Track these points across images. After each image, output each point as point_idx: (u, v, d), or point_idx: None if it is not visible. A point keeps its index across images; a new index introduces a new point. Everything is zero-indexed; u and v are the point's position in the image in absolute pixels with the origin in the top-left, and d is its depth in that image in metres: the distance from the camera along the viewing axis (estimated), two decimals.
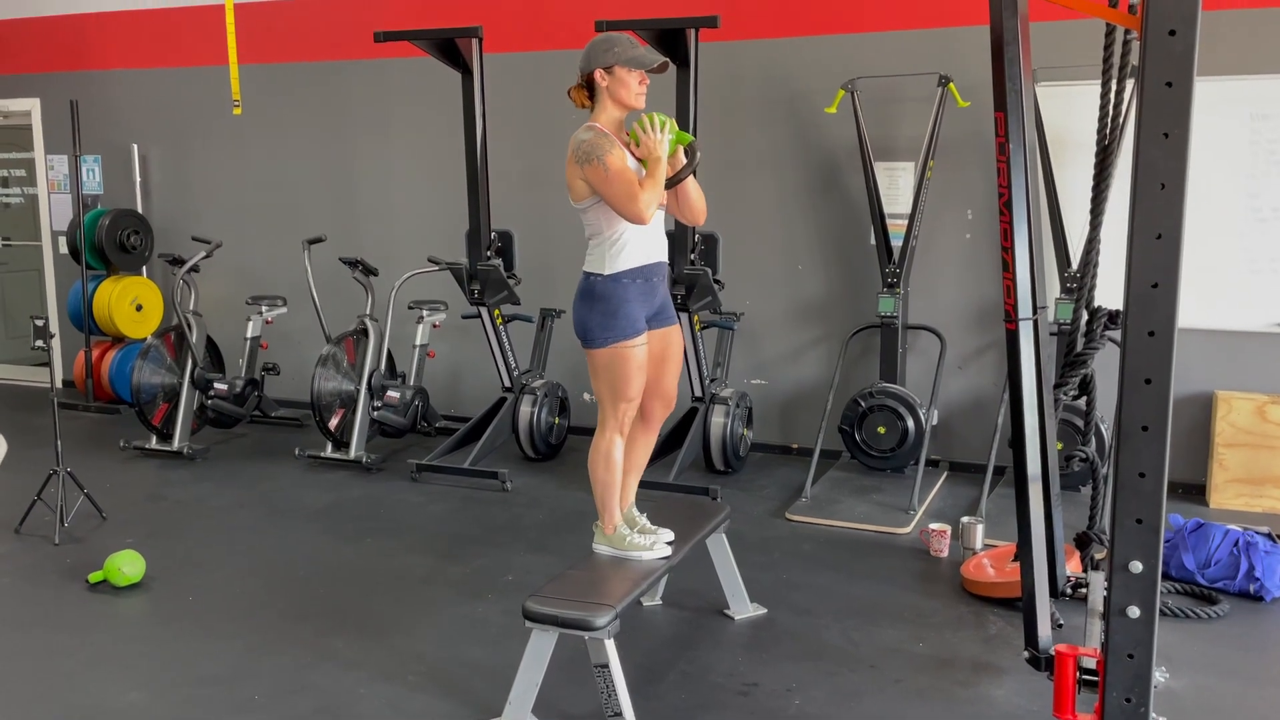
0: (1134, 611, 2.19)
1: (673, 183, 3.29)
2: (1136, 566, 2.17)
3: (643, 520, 3.49)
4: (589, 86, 3.27)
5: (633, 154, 3.23)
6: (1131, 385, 2.13)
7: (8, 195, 8.38)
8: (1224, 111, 4.99)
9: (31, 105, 7.92)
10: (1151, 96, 2.03)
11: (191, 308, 6.31)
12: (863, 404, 5.46)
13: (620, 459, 3.38)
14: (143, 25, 7.48)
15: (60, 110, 7.53)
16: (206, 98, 7.26)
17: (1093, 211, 2.78)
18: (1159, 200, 2.05)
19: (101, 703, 3.30)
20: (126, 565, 4.17)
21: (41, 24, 7.80)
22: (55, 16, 7.74)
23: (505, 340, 5.91)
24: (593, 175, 3.15)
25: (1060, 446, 3.83)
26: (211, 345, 6.54)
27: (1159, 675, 3.16)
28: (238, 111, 6.50)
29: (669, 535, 3.44)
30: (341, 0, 6.86)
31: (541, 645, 3.01)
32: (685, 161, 3.31)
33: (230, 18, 6.34)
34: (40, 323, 4.73)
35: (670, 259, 5.36)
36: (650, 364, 3.39)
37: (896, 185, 5.69)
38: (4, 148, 8.31)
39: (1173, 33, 2.00)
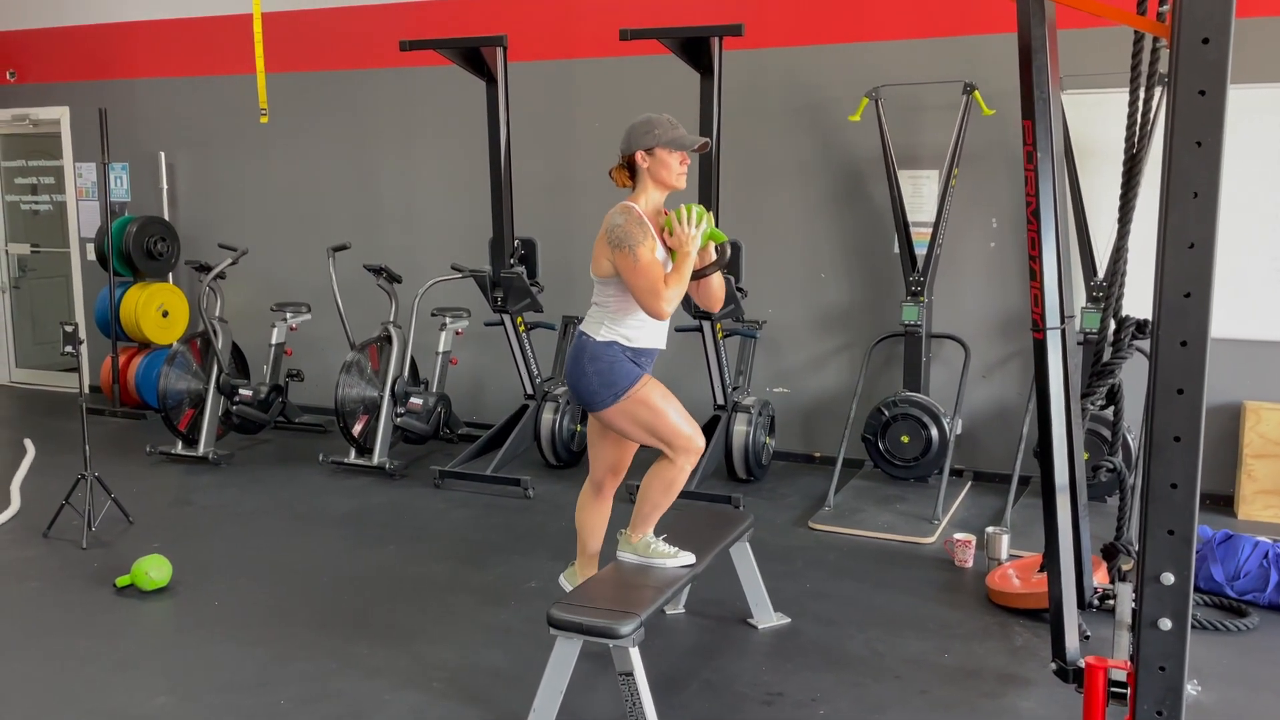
0: (1165, 624, 2.16)
1: (698, 276, 3.35)
2: (1168, 578, 2.15)
3: (658, 542, 3.48)
4: (630, 167, 3.31)
5: (664, 242, 3.27)
6: (1163, 395, 2.11)
7: (37, 203, 8.48)
8: (1255, 119, 4.95)
9: (61, 113, 8.02)
10: (1184, 105, 2.02)
11: (217, 314, 6.36)
12: (886, 413, 5.44)
13: (681, 487, 3.42)
14: (171, 34, 7.57)
15: (89, 118, 7.62)
16: (233, 106, 7.33)
17: (1120, 220, 2.76)
18: (1191, 209, 2.04)
19: (128, 707, 3.32)
20: (153, 570, 4.20)
21: (71, 33, 7.90)
22: (84, 26, 7.84)
23: (528, 348, 5.92)
24: (621, 261, 3.19)
25: (1087, 456, 3.80)
26: (237, 351, 6.59)
27: (1190, 688, 3.13)
28: (264, 120, 6.55)
29: (689, 558, 3.44)
30: (367, 10, 6.91)
31: (566, 653, 3.01)
32: (715, 258, 3.37)
33: (258, 27, 6.40)
34: (70, 329, 4.77)
35: None
36: (610, 440, 3.48)
37: (920, 193, 5.67)
38: (33, 156, 8.41)
39: (1206, 40, 1.98)
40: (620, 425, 3.35)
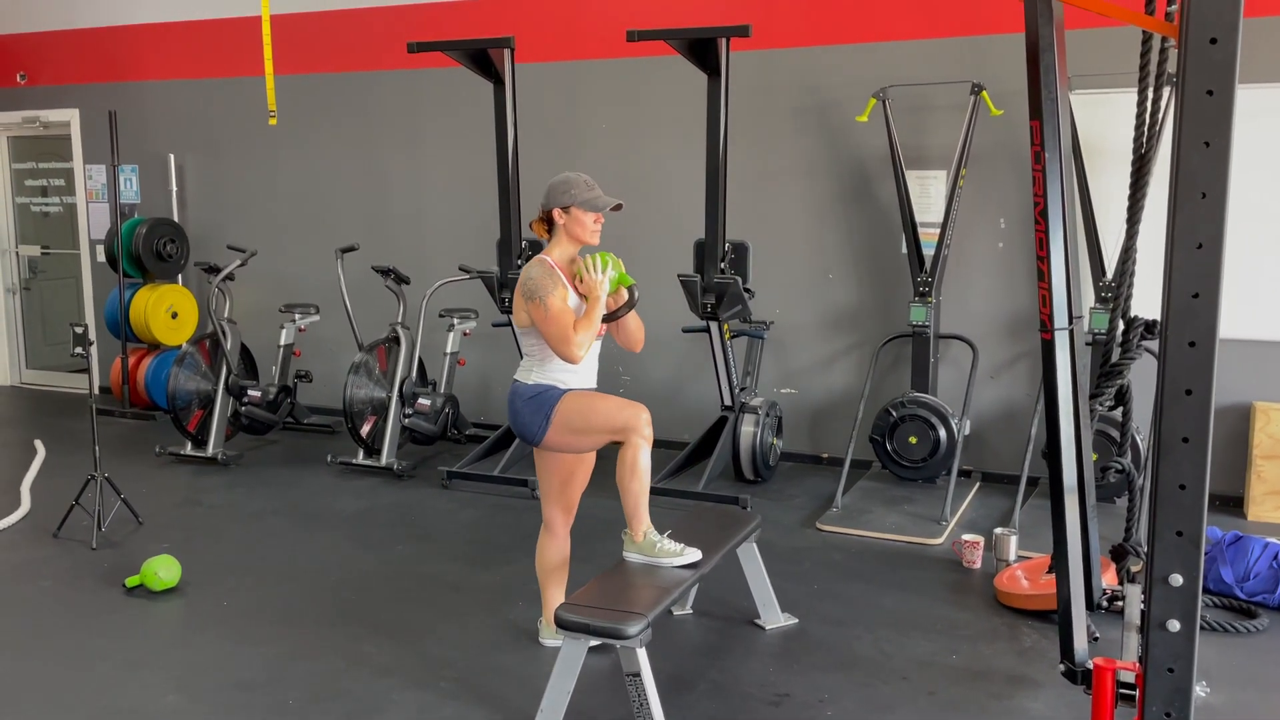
0: (1174, 625, 2.16)
1: (610, 318, 3.51)
2: (1177, 579, 2.14)
3: (663, 540, 3.48)
4: (548, 221, 3.49)
5: (576, 291, 3.43)
6: (1172, 396, 2.10)
7: (47, 204, 8.52)
8: (1261, 119, 4.93)
9: (71, 116, 8.06)
10: (1192, 105, 2.01)
11: (226, 315, 6.38)
12: (894, 413, 5.43)
13: (648, 466, 3.42)
14: (180, 37, 7.60)
15: (99, 121, 7.65)
16: (242, 108, 7.36)
17: (1129, 220, 2.77)
18: (1200, 209, 2.03)
19: (139, 706, 3.33)
20: (163, 570, 4.22)
21: (80, 36, 7.94)
22: (94, 28, 7.87)
23: None
24: (534, 312, 3.37)
25: (1095, 457, 3.79)
26: (245, 352, 6.61)
27: (1199, 690, 3.13)
28: (273, 122, 6.57)
29: (695, 554, 3.44)
30: (375, 12, 6.93)
31: (573, 653, 3.02)
32: (625, 300, 3.52)
33: (266, 29, 6.42)
34: (80, 330, 4.79)
35: (700, 268, 5.40)
36: (560, 477, 3.61)
37: (928, 194, 5.66)
38: (43, 158, 8.45)
39: (1214, 40, 1.98)
40: (564, 441, 3.46)
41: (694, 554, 3.39)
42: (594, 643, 3.01)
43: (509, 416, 3.54)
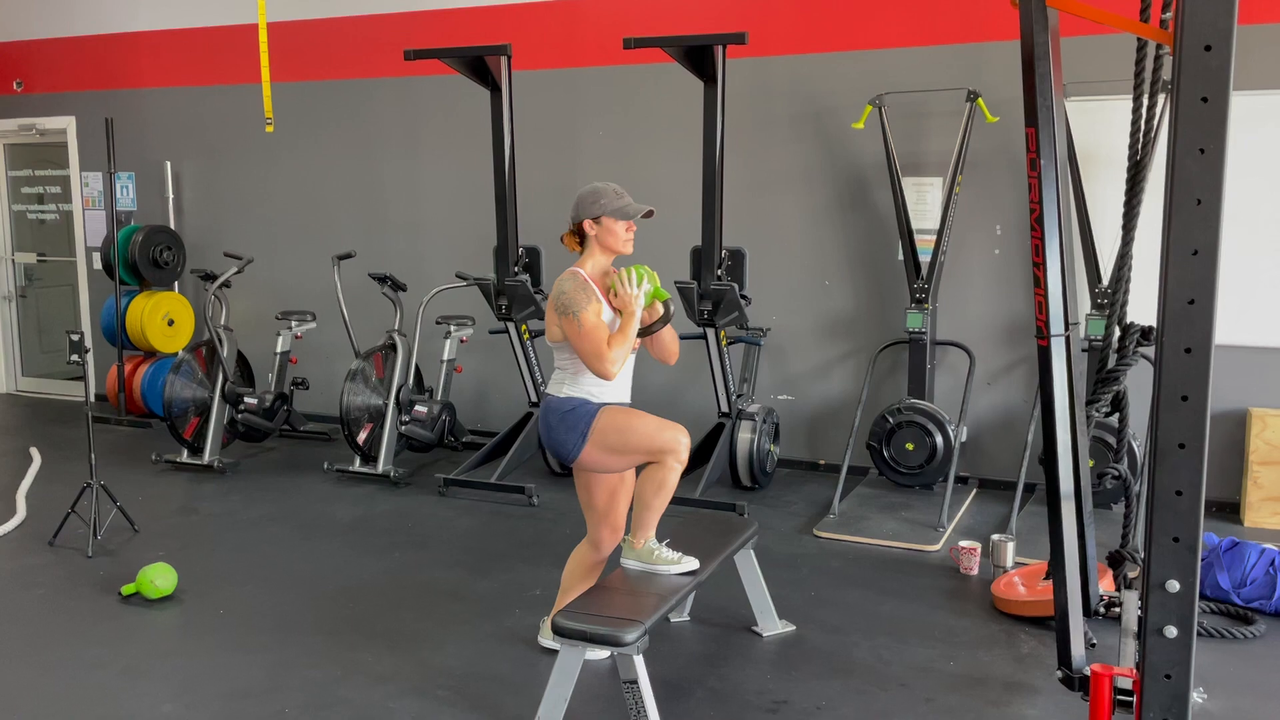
0: (1171, 631, 2.16)
1: (644, 333, 3.45)
2: (1174, 586, 2.14)
3: (661, 548, 3.47)
4: (579, 233, 3.43)
5: (610, 304, 3.37)
6: (1168, 402, 2.11)
7: (43, 212, 8.51)
8: (1257, 126, 4.95)
9: (67, 123, 8.06)
10: (1187, 112, 2.02)
11: (223, 323, 6.37)
12: (891, 420, 5.43)
13: (675, 487, 3.40)
14: (177, 44, 7.60)
15: (95, 128, 7.65)
16: (239, 115, 7.36)
17: (1124, 227, 2.77)
18: (1195, 216, 2.04)
19: (135, 715, 3.32)
20: (159, 578, 4.21)
21: (77, 43, 7.94)
22: (91, 36, 7.87)
23: (532, 355, 5.93)
24: (567, 327, 3.31)
25: (1092, 464, 3.80)
26: (242, 360, 6.61)
27: (1196, 696, 3.12)
28: (270, 129, 6.58)
29: (693, 563, 3.43)
30: (372, 19, 6.94)
31: (570, 660, 3.01)
32: (660, 314, 3.46)
33: (263, 36, 6.42)
34: (76, 338, 4.79)
35: (696, 274, 5.40)
36: (604, 495, 3.53)
37: (924, 200, 5.67)
38: (40, 165, 8.45)
39: (1208, 48, 1.99)
40: (601, 461, 3.39)
41: (691, 562, 3.39)
42: (597, 656, 2.98)
43: (541, 431, 3.46)
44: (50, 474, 6.12)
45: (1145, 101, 2.71)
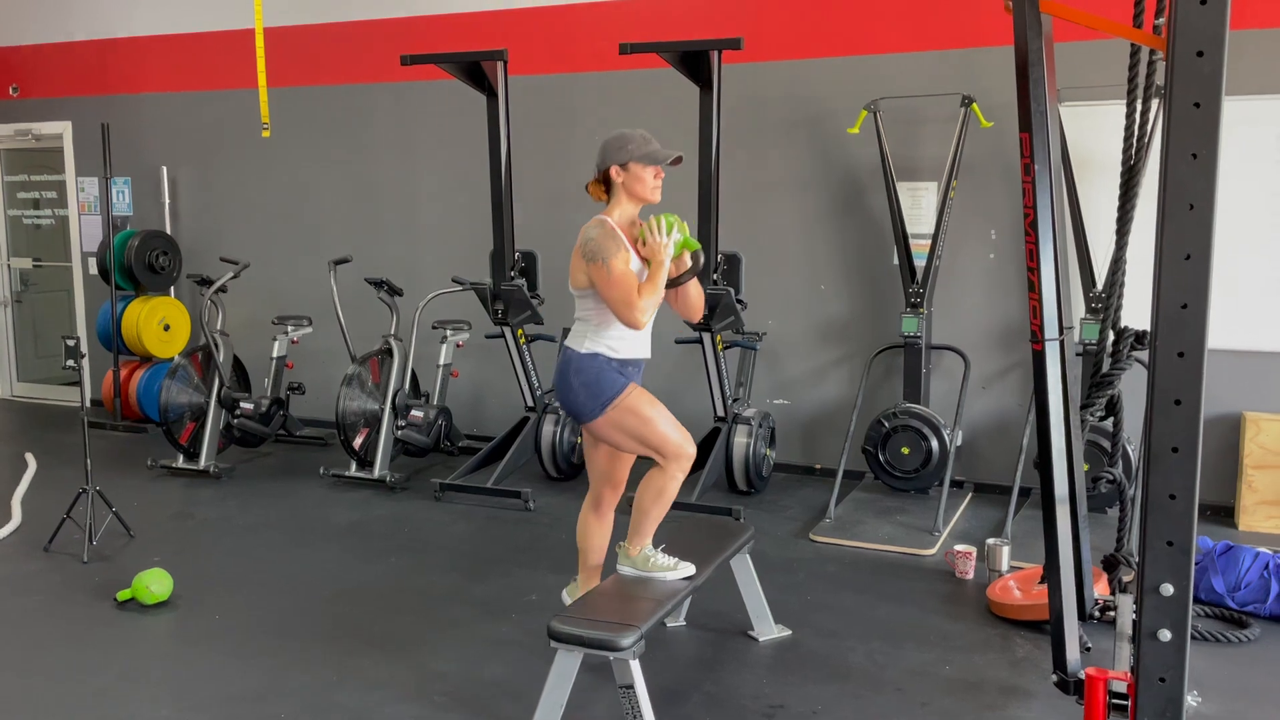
0: (1165, 635, 2.17)
1: (673, 284, 3.38)
2: (1168, 589, 2.15)
3: (657, 554, 3.47)
4: (605, 182, 3.36)
5: (638, 254, 3.30)
6: (1161, 407, 2.12)
7: (39, 217, 8.51)
8: (1250, 131, 4.97)
9: (63, 128, 8.06)
10: (1179, 117, 2.03)
11: (219, 328, 6.37)
12: (886, 424, 5.44)
13: (673, 496, 3.40)
14: (173, 49, 7.60)
15: (91, 133, 7.65)
16: (235, 120, 7.36)
17: (1118, 231, 2.78)
18: (1188, 221, 2.05)
19: None
20: (154, 584, 4.20)
21: (73, 48, 7.94)
22: (87, 41, 7.88)
23: (528, 360, 5.93)
24: (596, 275, 3.24)
25: (1087, 468, 3.80)
26: (238, 365, 6.61)
27: (1191, 699, 3.13)
28: (266, 134, 6.58)
29: (690, 569, 3.42)
30: (369, 25, 6.95)
31: (566, 666, 3.01)
32: (689, 265, 3.38)
33: (260, 42, 6.43)
34: (72, 343, 4.78)
35: None
36: (605, 455, 3.49)
37: (919, 205, 5.69)
38: (36, 170, 8.45)
39: (1200, 54, 2.00)
40: (609, 436, 3.36)
41: (688, 569, 3.39)
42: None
43: (555, 384, 3.39)
44: (46, 479, 6.11)
45: (1139, 106, 2.72)
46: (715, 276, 5.38)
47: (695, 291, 3.47)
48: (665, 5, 6.15)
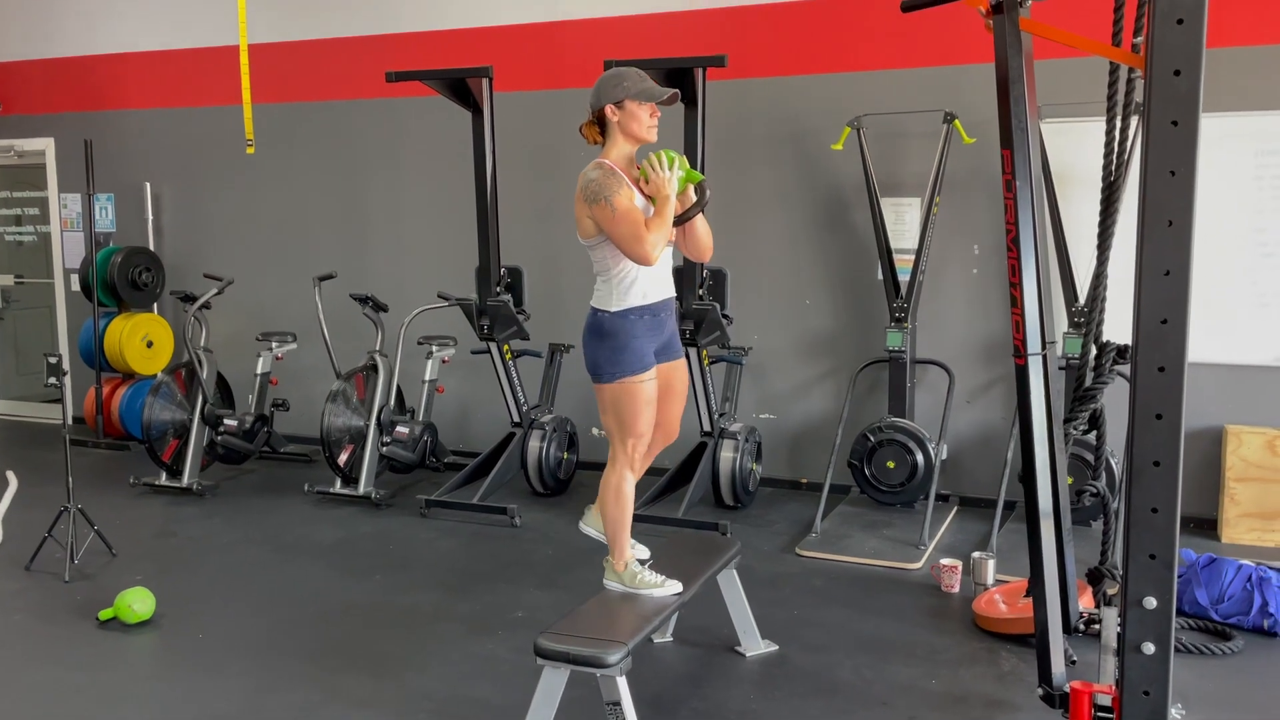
0: (1149, 648, 2.18)
1: (680, 220, 3.30)
2: (1150, 602, 2.16)
3: (644, 570, 3.44)
4: (600, 122, 3.30)
5: (641, 191, 3.24)
6: (1142, 421, 2.13)
7: (21, 233, 8.46)
8: (1229, 147, 5.02)
9: (46, 145, 8.02)
10: (1157, 135, 2.06)
11: (202, 344, 6.34)
12: (872, 438, 5.45)
13: (631, 494, 3.39)
14: (157, 66, 7.59)
15: (74, 149, 7.62)
16: (219, 137, 7.35)
17: (1099, 247, 2.80)
18: (1167, 237, 2.07)
19: None
20: (137, 602, 4.17)
21: (56, 65, 7.92)
22: (69, 58, 7.85)
23: (514, 376, 5.93)
24: (600, 215, 3.17)
25: (1071, 481, 3.82)
26: (222, 381, 6.57)
27: (1175, 712, 3.14)
28: (251, 150, 6.57)
29: (676, 586, 3.40)
30: (354, 41, 6.96)
31: (553, 682, 3.00)
32: (695, 200, 3.31)
33: (244, 58, 6.43)
34: (54, 360, 4.75)
35: (678, 294, 5.41)
36: (662, 401, 3.43)
37: (903, 221, 5.72)
38: (18, 186, 8.40)
39: (1177, 73, 2.03)
40: (603, 400, 3.33)
41: (675, 586, 3.37)
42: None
43: (584, 339, 3.33)
44: (27, 498, 6.05)
45: (1118, 124, 2.76)
46: (701, 291, 5.39)
47: (703, 229, 3.41)
48: (651, 22, 6.18)
